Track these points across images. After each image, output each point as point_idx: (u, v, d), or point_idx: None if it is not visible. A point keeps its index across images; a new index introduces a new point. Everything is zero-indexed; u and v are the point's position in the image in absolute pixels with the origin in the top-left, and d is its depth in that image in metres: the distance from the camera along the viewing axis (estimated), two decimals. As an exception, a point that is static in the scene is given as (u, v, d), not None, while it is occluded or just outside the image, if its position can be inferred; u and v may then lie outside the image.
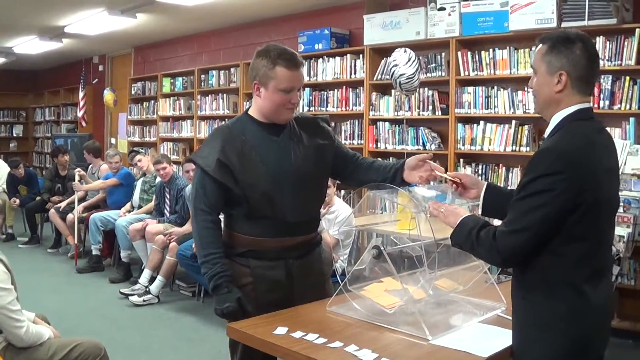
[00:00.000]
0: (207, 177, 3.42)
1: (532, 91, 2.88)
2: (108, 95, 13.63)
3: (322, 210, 6.31)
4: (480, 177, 7.36)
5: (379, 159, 4.04)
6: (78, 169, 10.21)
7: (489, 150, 7.31)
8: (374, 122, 8.54)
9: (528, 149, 6.92)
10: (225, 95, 10.98)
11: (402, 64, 6.55)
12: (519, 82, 7.09)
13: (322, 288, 3.76)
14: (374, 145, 8.49)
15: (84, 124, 15.37)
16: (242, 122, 3.58)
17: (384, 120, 8.42)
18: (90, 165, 11.09)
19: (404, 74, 6.50)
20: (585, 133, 2.71)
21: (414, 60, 6.57)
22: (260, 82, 3.43)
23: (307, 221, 3.64)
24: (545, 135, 2.81)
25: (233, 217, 3.54)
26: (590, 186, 2.58)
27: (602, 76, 6.45)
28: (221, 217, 3.60)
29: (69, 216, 10.08)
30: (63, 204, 10.56)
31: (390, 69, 6.76)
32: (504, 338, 3.07)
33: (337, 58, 9.04)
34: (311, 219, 3.69)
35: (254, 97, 3.54)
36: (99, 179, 10.45)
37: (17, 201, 11.77)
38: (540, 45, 2.81)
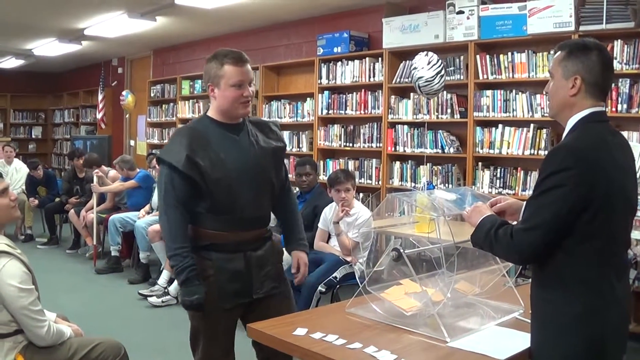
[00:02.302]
0: (175, 173, 3.64)
1: (547, 96, 2.93)
2: (130, 98, 13.64)
3: (341, 214, 6.35)
4: (498, 181, 7.38)
5: (294, 216, 4.23)
6: (96, 170, 10.23)
7: (507, 153, 7.30)
8: (392, 125, 8.54)
9: (546, 152, 6.86)
10: (244, 97, 10.95)
11: (421, 67, 6.56)
12: (538, 86, 7.07)
13: (277, 276, 3.97)
14: (393, 149, 8.49)
15: (103, 126, 15.44)
16: (203, 122, 3.84)
17: (403, 123, 8.42)
18: None
19: (423, 77, 6.51)
20: (597, 133, 2.75)
21: (434, 64, 6.57)
22: (213, 82, 3.74)
23: (261, 216, 3.91)
24: (562, 138, 2.84)
25: (197, 213, 3.73)
26: (601, 182, 2.62)
27: (620, 80, 6.44)
28: None
29: (89, 217, 10.13)
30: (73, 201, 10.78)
31: (411, 72, 6.77)
32: (521, 341, 3.08)
33: (356, 61, 9.03)
34: (264, 215, 3.95)
35: (210, 99, 3.85)
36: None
37: (36, 201, 11.85)
38: (559, 52, 2.87)
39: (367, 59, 8.89)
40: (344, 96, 9.25)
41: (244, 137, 3.83)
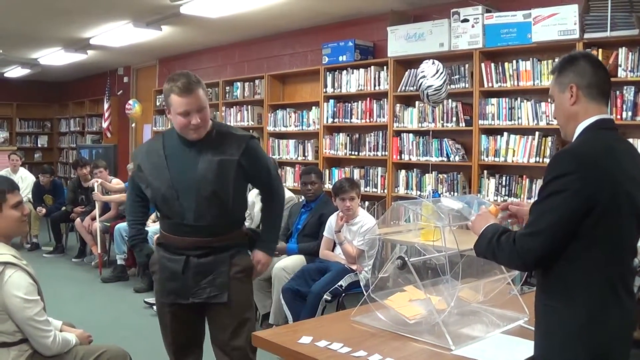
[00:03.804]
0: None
1: (556, 121, 2.95)
2: (138, 107, 13.62)
3: (340, 222, 6.37)
4: (504, 189, 7.37)
5: (267, 221, 4.54)
6: (95, 179, 10.22)
7: (512, 161, 7.29)
8: (398, 133, 8.54)
9: (551, 159, 6.88)
10: (249, 106, 11.02)
11: (430, 75, 6.57)
12: (543, 94, 7.05)
13: (224, 285, 4.05)
14: (398, 157, 8.49)
15: (108, 135, 15.44)
16: (169, 132, 4.17)
17: (408, 131, 8.42)
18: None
19: (432, 85, 6.53)
20: (604, 139, 2.76)
21: (442, 72, 6.59)
22: (167, 106, 3.99)
23: (204, 226, 4.01)
24: None
25: (160, 216, 4.28)
26: (605, 187, 2.61)
27: (625, 87, 6.43)
28: None
29: (93, 226, 10.14)
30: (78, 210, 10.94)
31: (418, 81, 6.75)
32: (525, 348, 3.09)
33: (361, 70, 9.03)
34: (211, 225, 4.03)
35: None
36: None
37: (44, 210, 11.89)
38: (552, 75, 2.93)
39: (372, 67, 8.89)
40: (349, 105, 9.26)
41: (197, 150, 4.00)
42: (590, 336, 2.65)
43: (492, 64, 7.47)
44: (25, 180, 12.43)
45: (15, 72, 16.18)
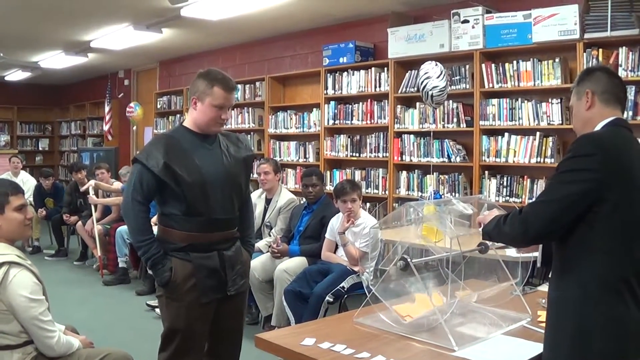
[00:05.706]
0: (147, 174, 4.00)
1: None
2: (139, 110, 13.61)
3: (346, 224, 6.36)
4: (505, 189, 7.37)
5: (248, 219, 4.65)
6: (90, 182, 10.07)
7: (513, 162, 7.29)
8: (399, 134, 8.54)
9: (552, 160, 6.90)
10: (250, 109, 11.01)
11: (435, 76, 6.55)
12: (543, 94, 7.08)
13: (245, 274, 4.42)
14: (399, 158, 8.49)
15: (110, 138, 15.43)
16: (180, 131, 4.23)
17: (409, 132, 8.42)
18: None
19: (437, 86, 6.52)
20: (622, 134, 2.81)
21: (444, 74, 6.61)
22: (198, 97, 4.11)
23: (230, 219, 4.26)
24: None
25: (170, 216, 4.10)
26: (622, 175, 2.62)
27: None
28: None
29: (97, 229, 10.13)
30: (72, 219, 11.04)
31: (422, 82, 6.71)
32: (528, 349, 3.09)
33: (362, 71, 9.03)
34: (233, 218, 4.30)
35: (190, 110, 4.21)
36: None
37: (44, 212, 11.89)
38: (572, 89, 3.01)
39: (372, 69, 8.89)
40: (350, 106, 9.26)
41: (216, 147, 4.22)
42: (606, 342, 2.59)
43: (493, 65, 7.47)
44: (26, 183, 12.40)
45: (15, 75, 16.20)
